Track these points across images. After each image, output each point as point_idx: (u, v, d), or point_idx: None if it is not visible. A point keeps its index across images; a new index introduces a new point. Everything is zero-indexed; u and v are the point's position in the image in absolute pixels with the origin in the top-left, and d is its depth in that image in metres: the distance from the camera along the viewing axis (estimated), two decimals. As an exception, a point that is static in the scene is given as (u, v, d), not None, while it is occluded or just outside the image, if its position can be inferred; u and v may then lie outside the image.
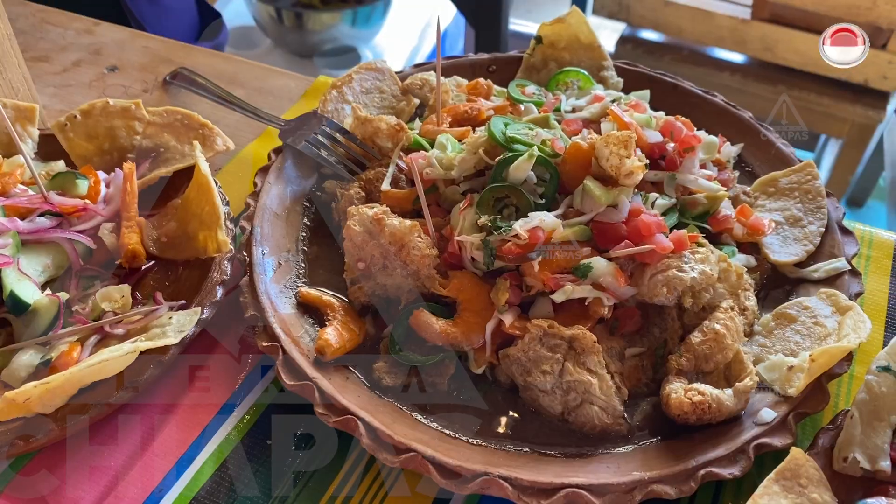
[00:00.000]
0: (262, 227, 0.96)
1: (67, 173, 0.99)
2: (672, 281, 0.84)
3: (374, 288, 0.90)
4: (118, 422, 0.82)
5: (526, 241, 0.84)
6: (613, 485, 0.74)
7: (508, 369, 0.84)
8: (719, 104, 1.15)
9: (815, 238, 0.97)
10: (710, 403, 0.78)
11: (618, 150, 0.86)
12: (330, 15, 3.27)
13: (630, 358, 0.86)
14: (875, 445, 0.77)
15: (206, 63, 1.31)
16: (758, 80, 3.14)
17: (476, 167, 0.94)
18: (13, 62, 1.07)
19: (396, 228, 0.88)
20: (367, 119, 1.04)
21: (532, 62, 1.21)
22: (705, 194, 0.95)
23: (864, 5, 2.87)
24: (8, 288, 0.84)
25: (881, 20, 2.87)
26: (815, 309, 0.89)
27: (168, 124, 1.08)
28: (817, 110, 3.15)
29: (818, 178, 1.02)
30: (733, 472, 0.75)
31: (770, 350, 0.87)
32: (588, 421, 0.81)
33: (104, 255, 0.94)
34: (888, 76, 2.98)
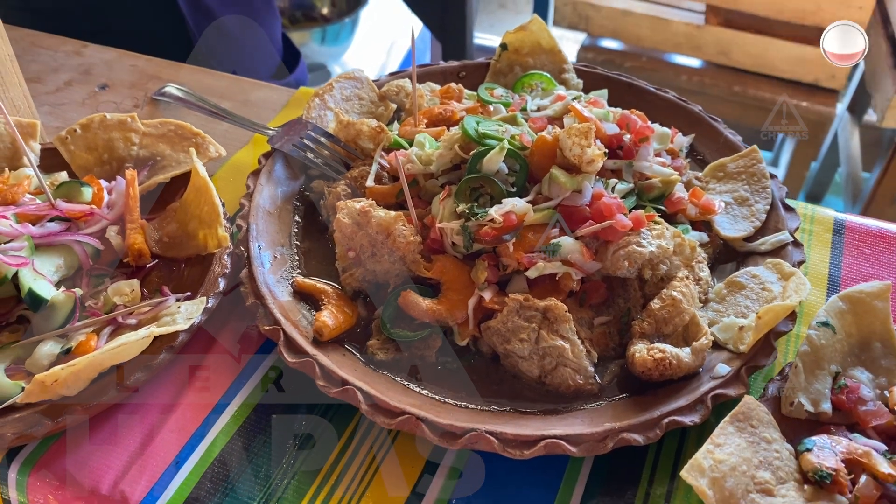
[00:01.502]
0: (256, 224, 1.04)
1: (72, 182, 1.06)
2: (633, 255, 0.93)
3: (364, 274, 0.98)
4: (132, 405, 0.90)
5: (501, 225, 0.93)
6: (587, 434, 0.83)
7: (490, 340, 0.92)
8: (671, 99, 1.25)
9: (760, 215, 1.07)
10: (670, 360, 0.87)
11: (579, 141, 0.96)
12: (300, 34, 3.36)
13: (598, 326, 0.95)
14: (817, 391, 0.87)
15: (193, 79, 1.39)
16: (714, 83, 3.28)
17: (452, 161, 1.03)
18: (14, 82, 1.14)
19: (382, 219, 0.96)
20: (350, 123, 1.12)
21: (499, 67, 1.31)
22: (660, 179, 1.05)
23: (809, 9, 3.01)
24: (26, 286, 0.91)
25: (826, 22, 3.01)
26: (763, 276, 0.99)
27: (163, 135, 1.16)
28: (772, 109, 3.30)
29: (762, 161, 1.12)
30: (694, 419, 0.85)
31: (723, 314, 0.97)
32: (563, 382, 0.90)
33: (111, 255, 1.02)
34: (836, 75, 3.13)
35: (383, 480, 0.84)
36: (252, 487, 0.83)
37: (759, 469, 0.79)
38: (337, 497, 0.83)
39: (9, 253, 0.93)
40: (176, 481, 0.84)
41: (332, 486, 0.84)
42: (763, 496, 0.77)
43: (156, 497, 0.82)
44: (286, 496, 0.83)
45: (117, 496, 0.82)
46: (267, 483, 0.84)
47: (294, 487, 0.84)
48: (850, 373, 0.89)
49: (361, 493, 0.83)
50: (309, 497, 0.83)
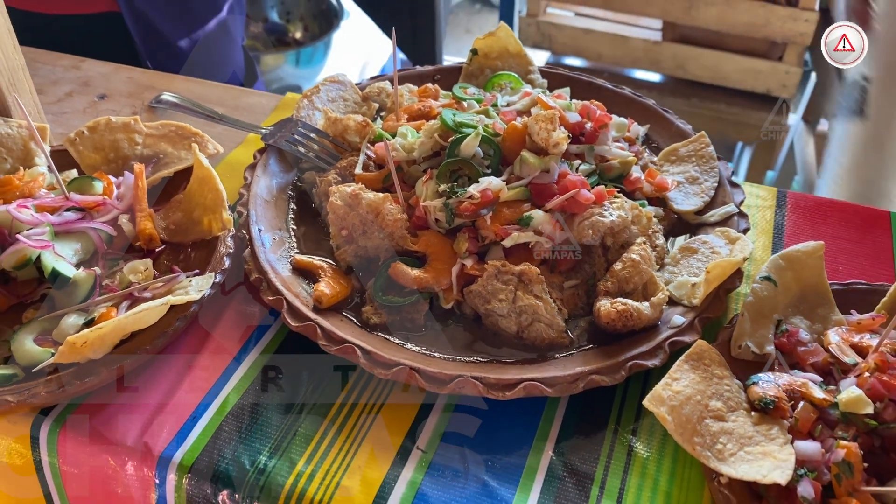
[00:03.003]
0: (255, 210, 1.14)
1: (84, 177, 1.15)
2: (596, 224, 1.05)
3: (356, 250, 1.09)
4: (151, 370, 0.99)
5: (479, 201, 1.04)
6: (561, 377, 0.93)
7: (472, 302, 1.03)
8: (627, 95, 1.38)
9: (709, 191, 1.20)
10: (632, 312, 0.98)
11: (546, 126, 1.08)
12: (274, 57, 3.46)
13: (567, 288, 1.06)
14: (762, 335, 0.99)
15: (186, 88, 1.49)
16: (674, 96, 3.45)
17: (433, 149, 1.14)
18: (26, 89, 1.24)
19: (372, 200, 1.07)
20: (338, 119, 1.24)
21: (470, 70, 1.43)
22: (619, 160, 1.17)
23: (759, 23, 3.19)
24: (49, 266, 1.00)
25: (775, 35, 3.20)
26: (712, 242, 1.11)
27: (164, 135, 1.26)
28: (729, 119, 3.47)
29: (710, 145, 1.25)
30: (654, 362, 0.96)
31: (678, 274, 1.08)
32: (538, 336, 1.00)
33: (123, 240, 1.11)
34: (787, 84, 3.30)
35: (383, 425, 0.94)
36: (262, 438, 0.93)
37: (712, 399, 0.90)
38: (341, 440, 0.93)
39: (32, 237, 1.02)
40: (193, 434, 0.93)
41: (335, 432, 0.94)
42: (716, 421, 0.89)
43: (176, 447, 0.91)
44: (293, 445, 0.92)
45: (141, 447, 0.91)
46: (275, 434, 0.93)
47: (300, 437, 0.93)
48: (790, 321, 1.01)
49: (361, 440, 0.93)
50: (314, 442, 0.92)
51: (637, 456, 0.93)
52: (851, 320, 1.00)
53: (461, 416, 0.96)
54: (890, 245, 1.20)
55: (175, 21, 1.78)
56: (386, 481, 0.88)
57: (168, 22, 1.77)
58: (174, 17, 1.78)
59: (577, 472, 0.91)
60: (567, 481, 0.90)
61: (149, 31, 1.72)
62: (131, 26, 1.69)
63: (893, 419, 0.86)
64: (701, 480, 0.91)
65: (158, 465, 0.90)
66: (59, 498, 0.97)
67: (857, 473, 0.82)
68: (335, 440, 0.93)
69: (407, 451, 0.92)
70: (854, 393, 0.87)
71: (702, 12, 3.20)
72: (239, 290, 1.11)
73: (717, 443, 0.87)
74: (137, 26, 1.69)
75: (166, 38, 1.76)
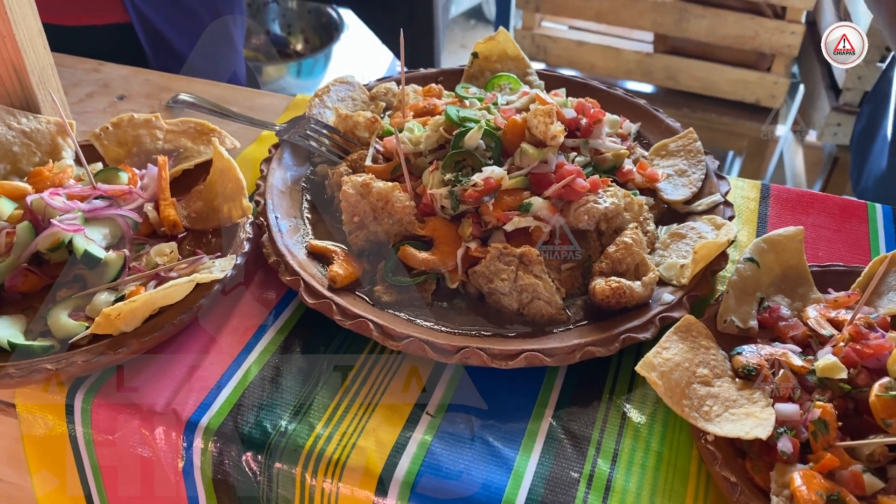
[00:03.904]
0: (272, 199, 1.22)
1: (110, 169, 1.23)
2: (591, 210, 1.13)
3: (367, 235, 1.16)
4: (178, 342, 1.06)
5: (482, 188, 1.12)
6: (559, 348, 1.01)
7: (476, 282, 1.11)
8: (619, 95, 1.46)
9: (697, 183, 1.27)
10: (624, 289, 1.06)
11: (544, 119, 1.16)
12: (276, 67, 3.55)
13: (565, 270, 1.13)
14: (745, 311, 1.06)
15: (201, 89, 1.57)
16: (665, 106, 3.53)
17: (438, 142, 1.22)
18: (54, 87, 1.31)
19: (382, 189, 1.15)
20: (348, 115, 1.31)
21: (471, 72, 1.51)
22: (612, 153, 1.24)
23: (747, 35, 3.29)
24: (81, 248, 1.07)
25: (763, 47, 3.30)
26: (700, 228, 1.19)
27: (184, 131, 1.33)
28: (720, 129, 3.56)
29: (698, 140, 1.33)
30: (646, 335, 1.03)
31: (667, 257, 1.16)
32: (537, 312, 1.08)
33: (148, 227, 1.18)
34: (775, 94, 3.40)
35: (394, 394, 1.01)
36: (282, 405, 1.00)
37: (699, 367, 0.98)
38: (355, 407, 1.00)
39: (65, 222, 1.09)
40: (218, 401, 1.00)
41: (349, 400, 1.01)
42: (703, 386, 0.96)
43: (202, 413, 0.98)
44: (311, 410, 0.99)
45: (170, 413, 0.98)
46: (295, 401, 1.00)
47: (318, 404, 1.00)
48: (772, 299, 1.09)
49: (374, 407, 1.00)
50: (331, 409, 0.99)
51: (630, 421, 1.00)
52: (829, 298, 1.08)
53: (466, 386, 1.03)
54: (866, 233, 1.28)
55: (182, 32, 1.87)
56: (398, 442, 0.96)
57: (177, 34, 1.86)
58: (182, 29, 1.87)
59: (574, 435, 0.98)
60: (565, 443, 0.97)
61: (158, 42, 1.80)
62: (142, 37, 1.77)
63: (865, 384, 0.94)
64: (689, 442, 0.98)
65: (186, 430, 0.97)
66: (91, 466, 1.04)
67: (832, 431, 0.90)
68: (350, 407, 1.00)
69: (417, 417, 0.99)
70: (830, 360, 0.95)
71: (692, 25, 3.30)
72: (256, 278, 1.18)
73: (704, 405, 0.94)
74: (148, 37, 1.78)
75: (175, 48, 1.84)
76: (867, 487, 0.87)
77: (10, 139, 1.26)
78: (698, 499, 0.92)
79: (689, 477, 0.94)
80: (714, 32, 3.31)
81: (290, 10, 3.77)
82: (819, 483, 0.86)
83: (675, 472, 0.95)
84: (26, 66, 1.24)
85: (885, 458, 0.90)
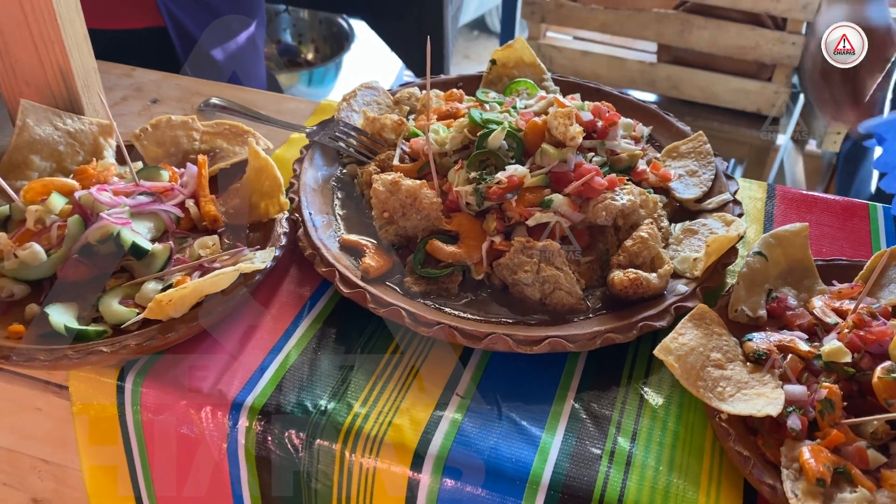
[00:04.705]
0: (306, 196, 1.29)
1: (151, 167, 1.30)
2: (609, 206, 1.19)
3: (397, 230, 1.23)
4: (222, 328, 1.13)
5: (506, 185, 1.18)
6: (580, 335, 1.08)
7: (500, 273, 1.17)
8: (631, 100, 1.54)
9: (707, 182, 1.34)
10: (642, 280, 1.13)
11: (564, 121, 1.23)
12: (287, 76, 3.63)
13: (584, 263, 1.20)
14: (755, 301, 1.13)
15: (231, 94, 1.64)
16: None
17: (462, 143, 1.29)
18: (95, 90, 1.38)
19: (410, 186, 1.21)
20: (375, 118, 1.39)
21: (490, 78, 1.58)
22: (627, 154, 1.31)
23: (748, 45, 3.36)
24: (129, 241, 1.14)
25: (764, 57, 3.38)
26: (710, 224, 1.26)
27: (219, 132, 1.40)
28: (721, 137, 3.64)
29: (707, 143, 1.40)
30: (662, 323, 1.10)
31: (681, 252, 1.23)
32: (559, 302, 1.15)
33: (189, 222, 1.25)
34: (775, 104, 3.47)
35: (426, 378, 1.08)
36: (322, 386, 1.06)
37: (713, 351, 1.04)
38: (390, 388, 1.06)
39: (113, 215, 1.16)
40: (261, 383, 1.06)
41: (384, 382, 1.07)
42: (716, 369, 1.03)
43: (247, 393, 1.05)
44: (349, 391, 1.06)
45: (216, 394, 1.05)
46: (333, 383, 1.07)
47: (355, 385, 1.07)
48: (779, 290, 1.16)
49: (407, 388, 1.07)
50: (367, 390, 1.06)
51: (648, 403, 1.07)
52: (833, 289, 1.15)
53: (493, 372, 1.09)
54: (868, 231, 1.35)
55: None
56: (431, 420, 1.02)
57: None
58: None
59: (596, 416, 1.04)
60: (587, 423, 1.03)
61: (190, 46, 1.88)
62: (175, 40, 1.84)
63: (869, 367, 1.00)
64: (703, 422, 1.04)
65: (232, 409, 1.04)
66: (138, 446, 1.10)
67: (837, 409, 0.96)
68: (385, 388, 1.06)
69: (447, 398, 1.05)
70: (835, 345, 1.01)
71: (694, 35, 3.38)
72: (291, 273, 1.25)
73: (718, 386, 1.01)
74: (181, 41, 1.85)
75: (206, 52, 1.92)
76: (871, 462, 0.94)
77: (56, 139, 1.33)
78: (713, 473, 0.98)
79: (703, 453, 1.01)
80: (716, 43, 3.38)
81: (301, 20, 3.85)
82: (826, 457, 0.93)
83: (691, 449, 1.01)
84: (73, 69, 1.31)
85: (887, 436, 0.97)
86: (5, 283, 1.14)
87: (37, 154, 1.31)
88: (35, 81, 1.33)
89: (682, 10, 3.38)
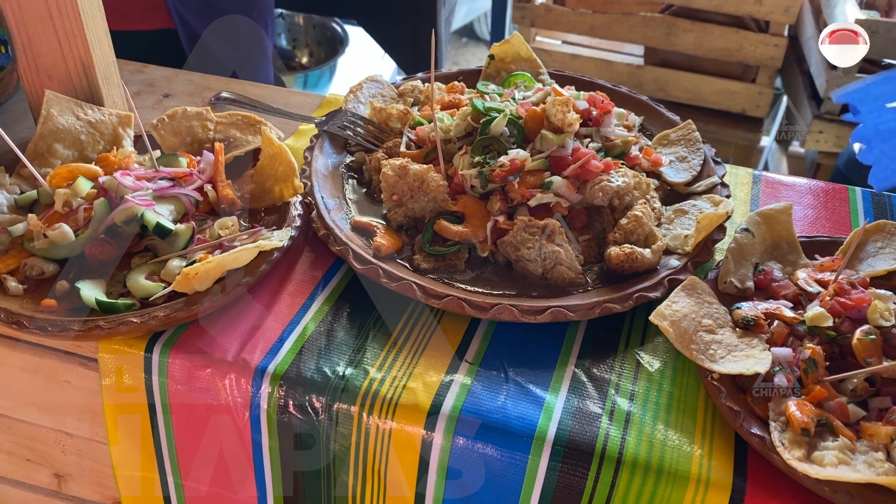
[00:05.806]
0: (318, 181, 1.36)
1: (170, 155, 1.36)
2: (605, 188, 1.27)
3: (405, 211, 1.30)
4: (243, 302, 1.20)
5: (508, 168, 1.26)
6: (581, 304, 1.15)
7: (504, 251, 1.25)
8: (624, 92, 1.62)
9: (696, 167, 1.43)
10: (637, 255, 1.20)
11: (562, 108, 1.31)
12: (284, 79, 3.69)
13: (582, 241, 1.28)
14: (743, 274, 1.21)
15: (240, 89, 1.70)
16: (655, 117, 3.70)
17: (465, 130, 1.36)
18: (115, 82, 1.45)
19: (418, 170, 1.29)
20: (382, 108, 1.46)
21: (488, 72, 1.66)
22: (620, 140, 1.39)
23: (733, 48, 3.46)
24: (153, 221, 1.20)
25: (749, 59, 3.48)
26: (700, 205, 1.34)
27: (233, 122, 1.47)
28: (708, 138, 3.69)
29: (696, 131, 1.49)
30: (656, 294, 1.18)
31: (672, 230, 1.30)
32: (560, 276, 1.22)
33: (207, 205, 1.31)
34: (760, 105, 3.57)
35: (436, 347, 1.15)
36: (339, 354, 1.13)
37: (704, 318, 1.12)
38: (403, 355, 1.13)
39: (137, 198, 1.22)
40: (282, 352, 1.13)
41: (397, 350, 1.14)
42: (707, 333, 1.10)
43: (269, 361, 1.11)
44: (365, 358, 1.13)
45: (240, 362, 1.11)
46: (349, 352, 1.13)
47: (370, 352, 1.13)
48: (766, 264, 1.24)
49: (419, 356, 1.14)
50: (381, 357, 1.13)
51: (644, 368, 1.14)
52: (815, 263, 1.23)
53: (499, 340, 1.17)
54: (847, 211, 1.43)
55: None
56: (443, 383, 1.09)
57: None
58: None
59: (595, 379, 1.12)
60: (588, 385, 1.11)
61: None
62: (184, 42, 1.91)
63: (849, 331, 1.08)
64: (696, 384, 1.12)
65: (255, 376, 1.10)
66: (163, 414, 1.17)
67: (820, 368, 1.04)
68: (398, 356, 1.13)
69: (457, 365, 1.13)
70: (818, 310, 1.09)
71: (680, 38, 3.48)
72: (305, 254, 1.31)
73: (710, 349, 1.08)
74: (190, 42, 1.91)
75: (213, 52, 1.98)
76: (851, 415, 1.02)
77: (78, 128, 1.39)
78: (706, 428, 1.06)
79: (697, 411, 1.08)
80: (701, 45, 3.48)
81: (295, 25, 3.93)
82: (810, 409, 1.00)
83: (685, 408, 1.09)
84: (94, 62, 1.38)
85: (866, 393, 1.05)
86: (35, 261, 1.20)
87: (60, 142, 1.37)
88: (57, 75, 1.40)
89: (667, 13, 3.48)
